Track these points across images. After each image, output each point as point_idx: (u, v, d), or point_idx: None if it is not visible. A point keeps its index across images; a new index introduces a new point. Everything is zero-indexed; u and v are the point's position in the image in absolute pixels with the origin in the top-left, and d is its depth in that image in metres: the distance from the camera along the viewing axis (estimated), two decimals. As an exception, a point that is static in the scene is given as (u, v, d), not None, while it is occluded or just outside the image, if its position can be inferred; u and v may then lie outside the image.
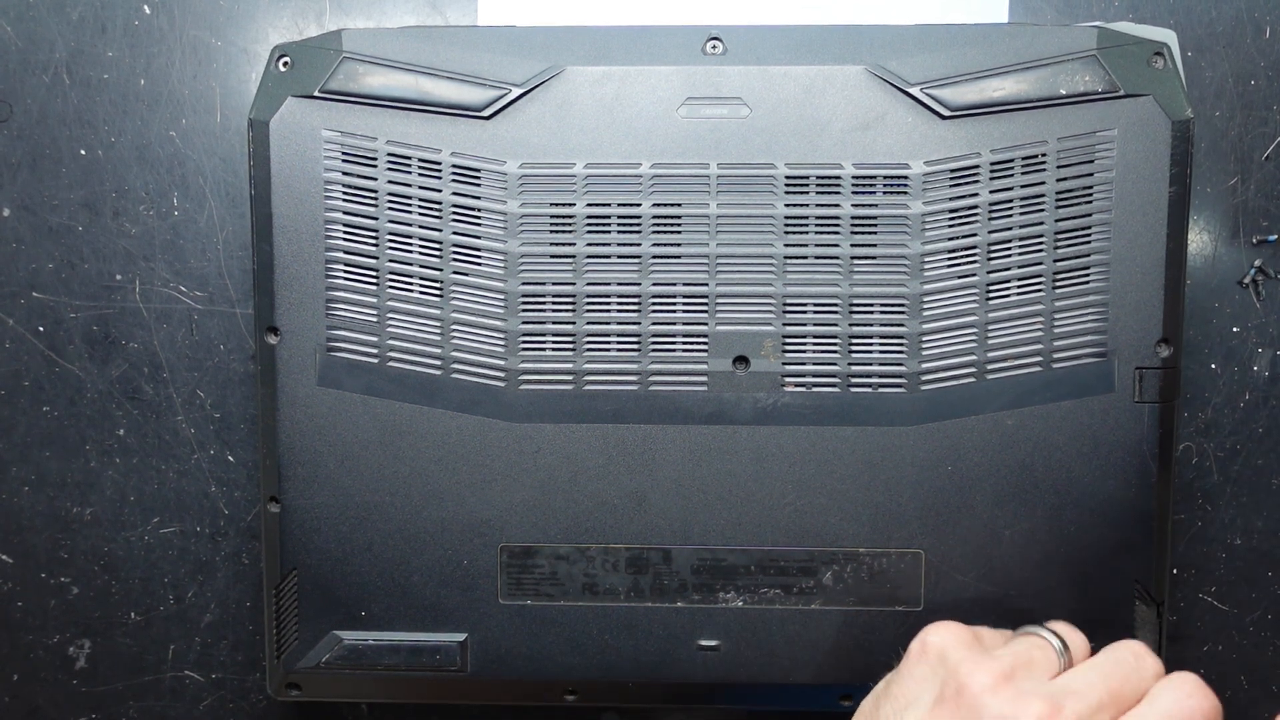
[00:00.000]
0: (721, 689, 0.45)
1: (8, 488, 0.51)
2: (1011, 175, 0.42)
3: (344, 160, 0.43)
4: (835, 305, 0.43)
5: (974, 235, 0.43)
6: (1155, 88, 0.42)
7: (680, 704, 0.47)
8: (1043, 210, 0.42)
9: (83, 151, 0.50)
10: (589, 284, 0.44)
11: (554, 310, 0.44)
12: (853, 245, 0.43)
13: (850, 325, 0.43)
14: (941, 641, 0.38)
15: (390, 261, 0.44)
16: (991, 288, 0.43)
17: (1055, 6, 0.48)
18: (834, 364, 0.43)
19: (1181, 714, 0.34)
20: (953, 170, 0.42)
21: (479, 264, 0.44)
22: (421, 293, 0.44)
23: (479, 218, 0.43)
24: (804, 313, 0.43)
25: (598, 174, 0.43)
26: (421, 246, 0.44)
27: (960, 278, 0.43)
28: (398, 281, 0.44)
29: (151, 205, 0.50)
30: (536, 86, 0.43)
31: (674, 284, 0.43)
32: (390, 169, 0.43)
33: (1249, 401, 0.48)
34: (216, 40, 0.49)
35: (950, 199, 0.43)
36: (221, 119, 0.50)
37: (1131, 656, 0.37)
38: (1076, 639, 0.39)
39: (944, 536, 0.44)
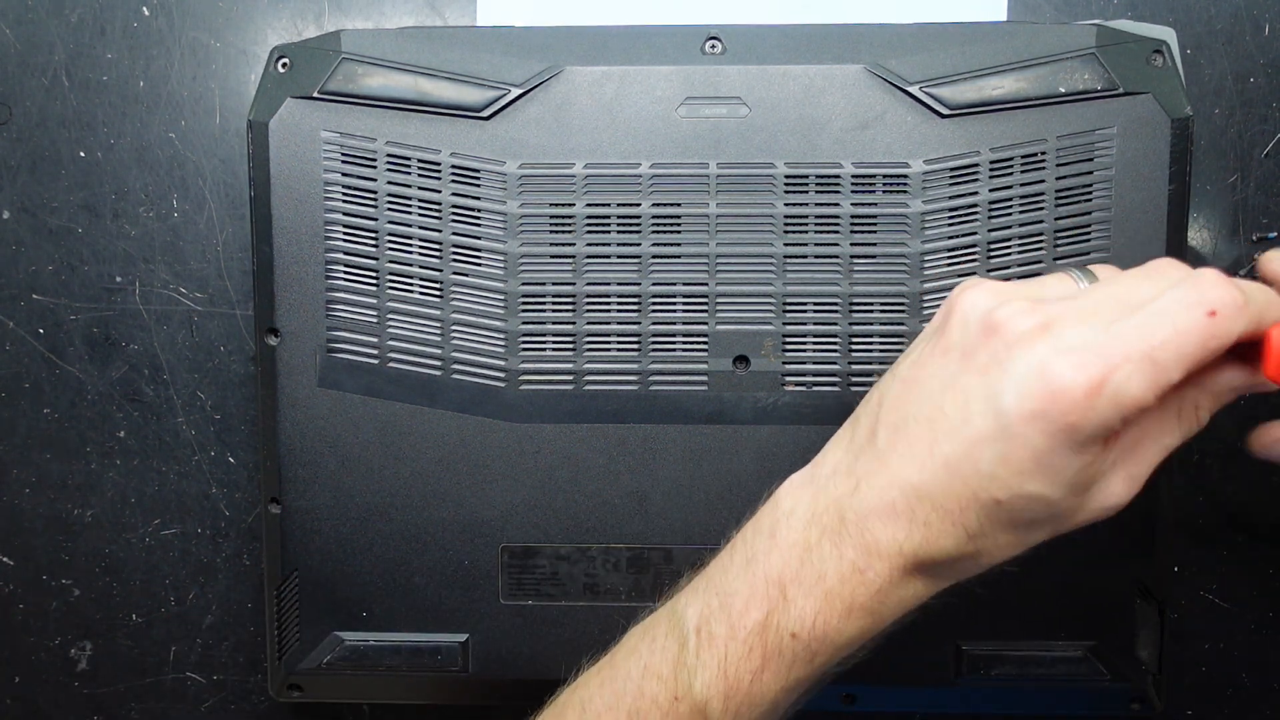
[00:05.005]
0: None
1: (9, 490, 0.51)
2: (1011, 174, 0.42)
3: (343, 161, 0.43)
4: (835, 304, 0.43)
5: (974, 234, 0.43)
6: (1154, 85, 0.42)
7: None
8: (1042, 209, 0.42)
9: (82, 153, 0.50)
10: (589, 284, 0.44)
11: (554, 310, 0.44)
12: (852, 244, 0.43)
13: (850, 324, 0.43)
14: (957, 291, 0.34)
15: (390, 262, 0.44)
16: (991, 286, 0.43)
17: (1054, 5, 0.48)
18: (834, 363, 0.43)
19: (1179, 308, 0.30)
20: (952, 169, 0.42)
21: (479, 264, 0.44)
22: (421, 293, 0.44)
23: (479, 218, 0.43)
24: (804, 312, 0.43)
25: (597, 174, 0.43)
26: (421, 247, 0.44)
27: (960, 276, 0.43)
28: (398, 282, 0.44)
29: (151, 207, 0.50)
30: (536, 87, 0.43)
31: (674, 284, 0.43)
32: (390, 170, 0.43)
33: (1249, 399, 0.48)
34: (215, 42, 0.49)
35: (950, 197, 0.43)
36: (221, 120, 0.50)
37: (1151, 270, 0.32)
38: (1112, 277, 0.33)
39: (945, 535, 0.44)
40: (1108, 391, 0.29)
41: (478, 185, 0.43)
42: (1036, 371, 0.30)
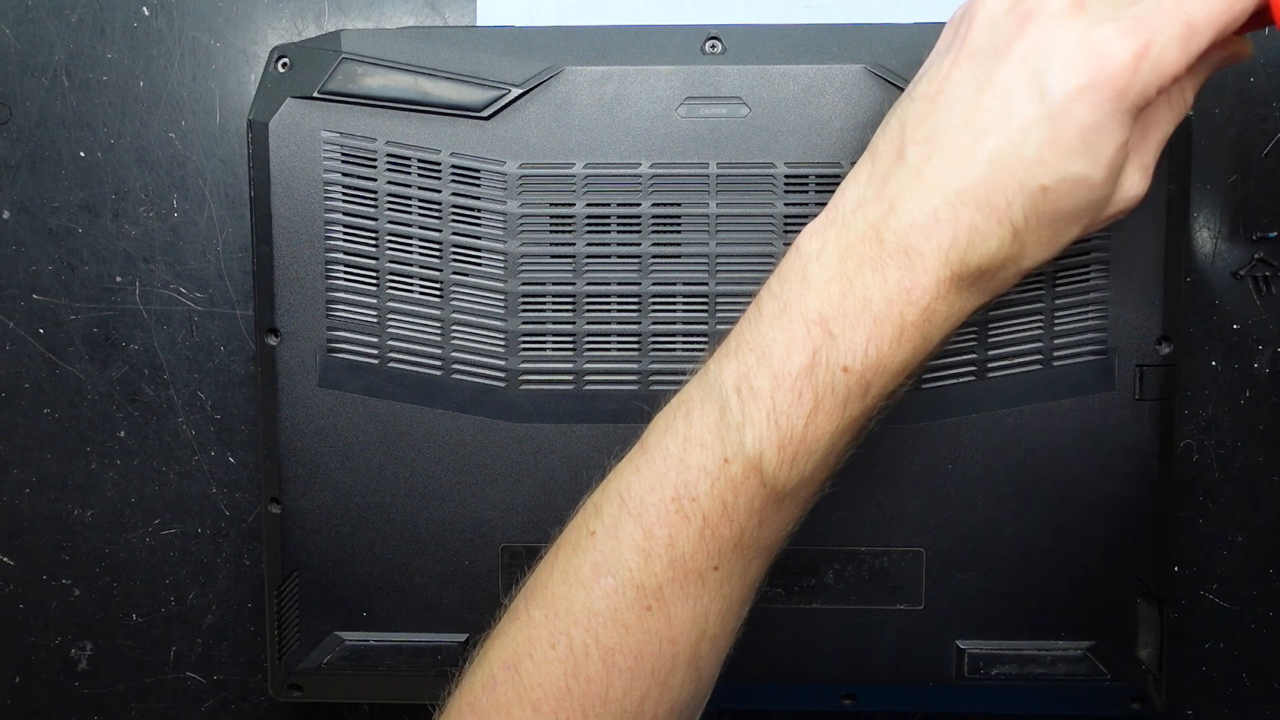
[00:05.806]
0: (722, 689, 0.45)
1: (9, 490, 0.51)
2: (1011, 173, 0.42)
3: (343, 161, 0.43)
4: (835, 304, 0.43)
5: (974, 234, 0.42)
6: (1154, 85, 0.42)
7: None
8: (1042, 208, 0.42)
9: (82, 153, 0.50)
10: (589, 284, 0.44)
11: (554, 310, 0.44)
12: (852, 244, 0.43)
13: (850, 324, 0.43)
14: (969, 3, 0.34)
15: (390, 262, 0.44)
16: (991, 286, 0.43)
17: (1054, 4, 0.48)
18: (834, 363, 0.43)
19: None
20: (952, 169, 0.42)
21: (479, 264, 0.44)
22: (421, 293, 0.44)
23: (479, 218, 0.43)
24: (804, 312, 0.43)
25: (597, 174, 0.43)
26: (421, 247, 0.44)
27: (960, 276, 0.43)
28: (398, 282, 0.44)
29: (151, 207, 0.50)
30: (536, 87, 0.43)
31: (674, 284, 0.43)
32: (390, 170, 0.43)
33: (1249, 399, 0.48)
34: (215, 41, 0.49)
35: (950, 197, 0.42)
36: (221, 120, 0.50)
37: None
38: None
39: (945, 535, 0.44)
40: (1150, 58, 0.30)
41: (478, 185, 0.43)
42: (1080, 45, 0.31)
